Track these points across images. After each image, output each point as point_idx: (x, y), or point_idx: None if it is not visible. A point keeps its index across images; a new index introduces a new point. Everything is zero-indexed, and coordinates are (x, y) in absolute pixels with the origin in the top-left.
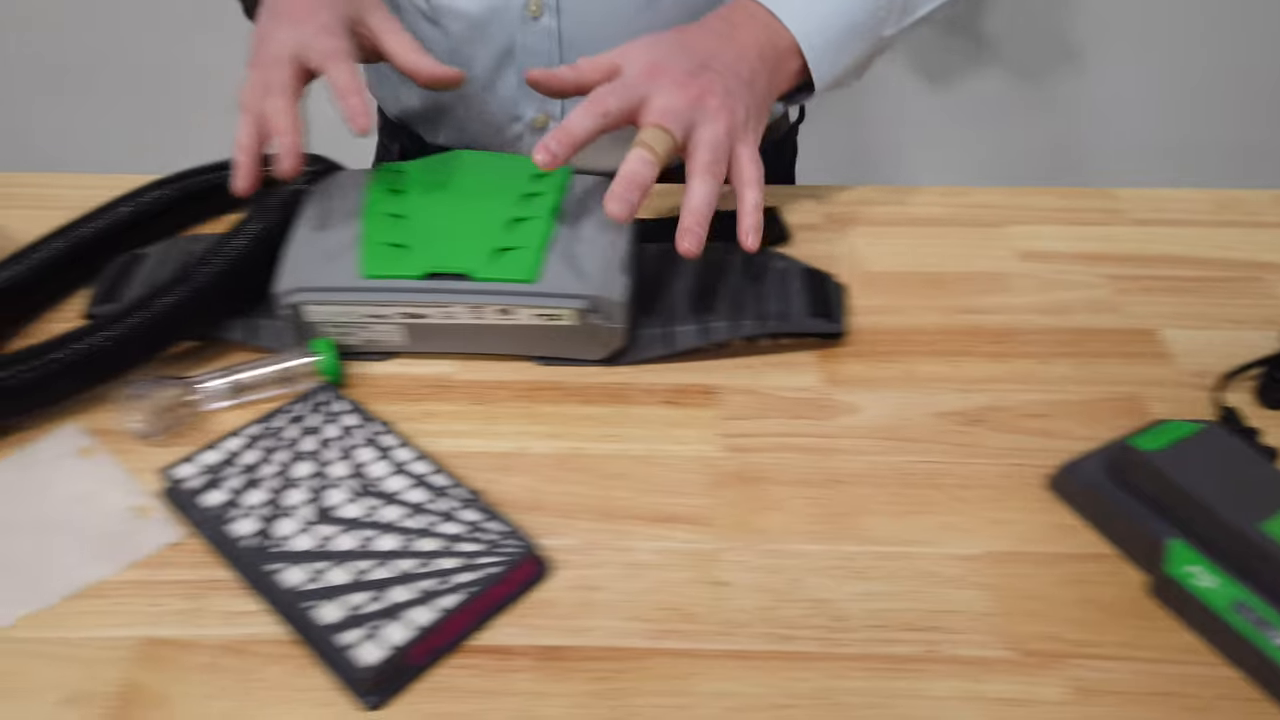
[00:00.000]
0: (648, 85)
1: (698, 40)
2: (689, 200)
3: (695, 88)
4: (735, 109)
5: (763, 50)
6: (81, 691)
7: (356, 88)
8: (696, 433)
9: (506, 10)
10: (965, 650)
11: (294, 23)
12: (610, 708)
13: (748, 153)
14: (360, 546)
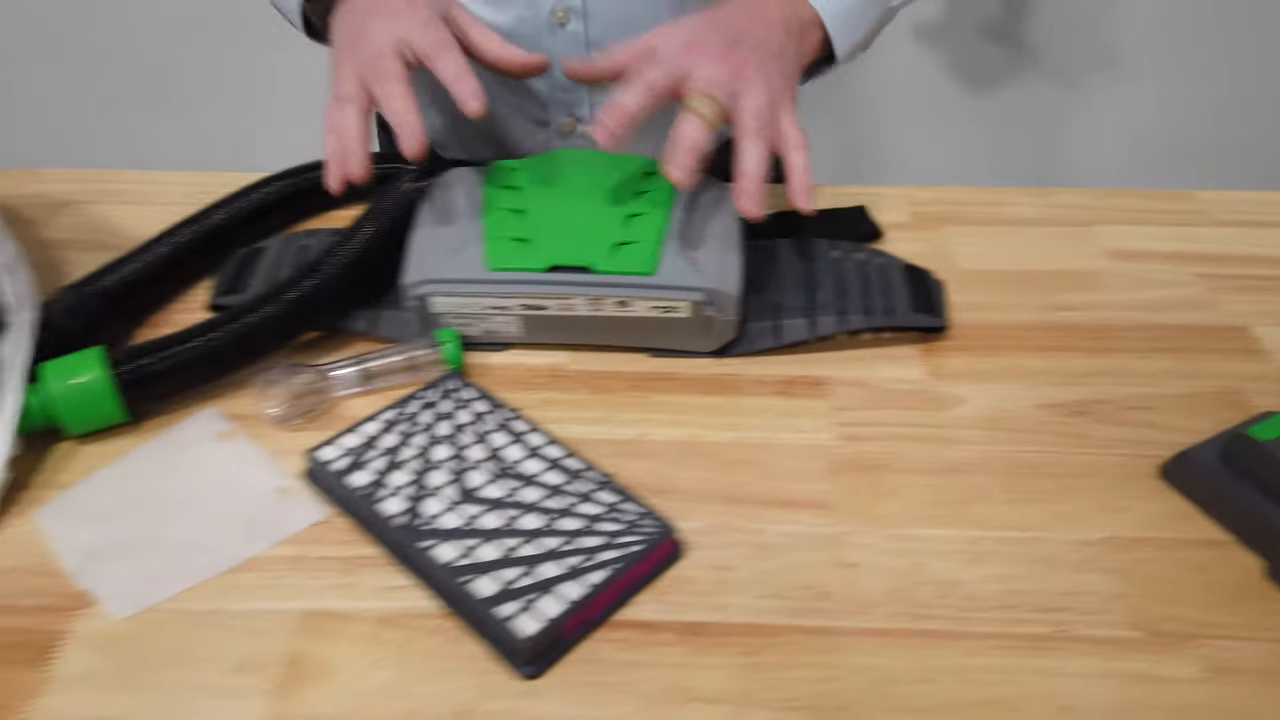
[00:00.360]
0: (687, 61)
1: (728, 18)
2: (742, 164)
3: (732, 61)
4: (772, 79)
5: (788, 23)
6: (252, 660)
7: (467, 73)
8: (811, 422)
9: (535, 20)
10: (1095, 630)
11: (392, 17)
12: (757, 680)
13: (788, 118)
14: (505, 525)
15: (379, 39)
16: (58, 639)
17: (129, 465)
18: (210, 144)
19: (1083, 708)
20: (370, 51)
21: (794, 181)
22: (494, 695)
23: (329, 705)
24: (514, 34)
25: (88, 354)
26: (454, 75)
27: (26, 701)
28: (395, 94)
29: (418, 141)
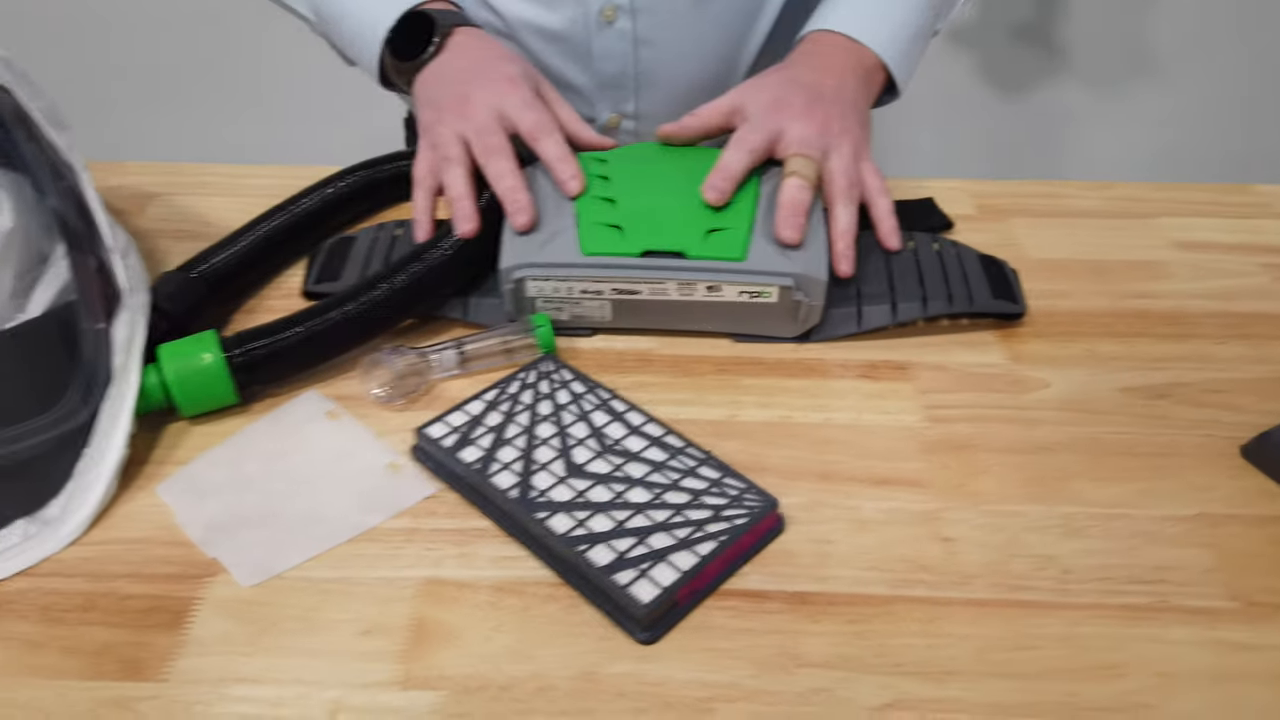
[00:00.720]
0: (778, 121)
1: (803, 75)
2: (836, 226)
3: (818, 117)
4: (852, 129)
5: (856, 71)
6: (379, 624)
7: (569, 155)
8: (897, 404)
9: (584, 18)
10: (1193, 601)
11: (495, 91)
12: (866, 646)
13: (870, 167)
14: (614, 498)
15: (484, 111)
16: (191, 604)
17: (242, 443)
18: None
19: (1183, 673)
20: (477, 123)
21: (882, 227)
22: (614, 659)
23: (456, 666)
24: (564, 33)
25: (202, 337)
26: (557, 157)
27: (166, 662)
28: (506, 171)
29: (527, 218)
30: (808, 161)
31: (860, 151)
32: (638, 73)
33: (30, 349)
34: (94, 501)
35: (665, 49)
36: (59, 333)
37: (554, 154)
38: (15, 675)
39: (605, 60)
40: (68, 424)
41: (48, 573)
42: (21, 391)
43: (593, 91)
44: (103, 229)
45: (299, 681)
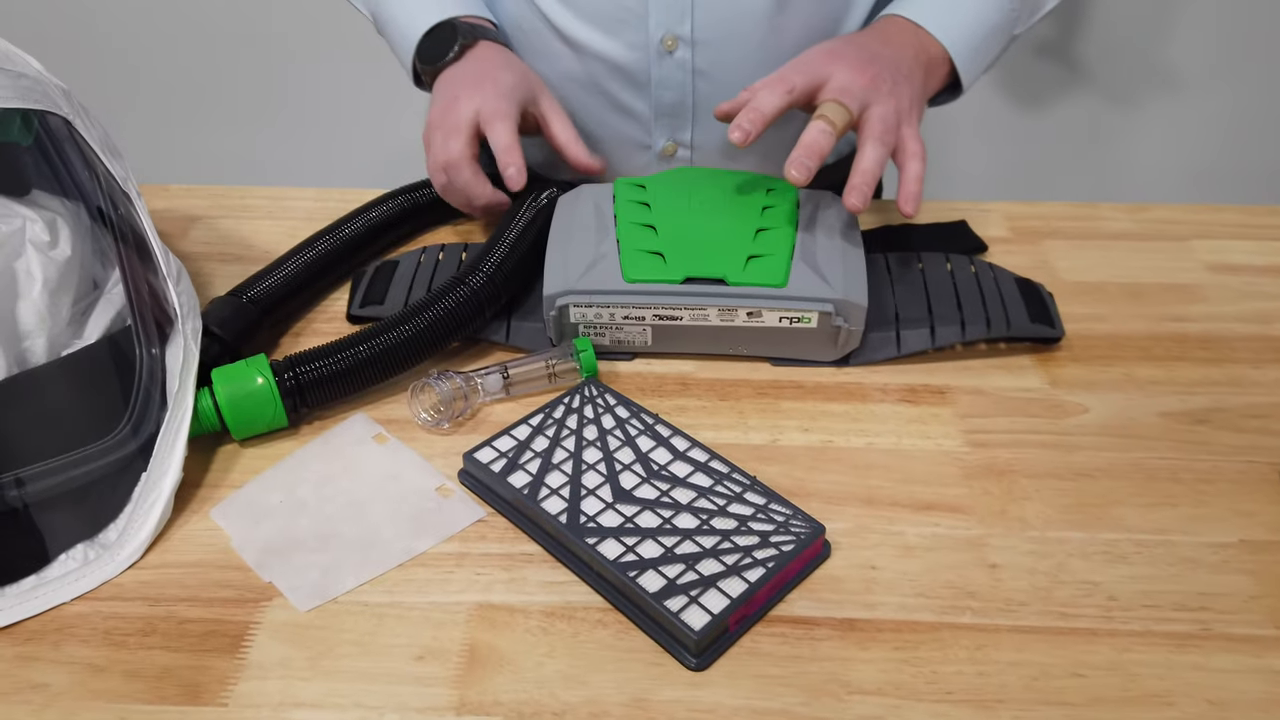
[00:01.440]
0: (828, 66)
1: (864, 39)
2: (860, 162)
3: (870, 72)
4: (902, 94)
5: (917, 55)
6: (432, 649)
7: (515, 147)
8: (938, 428)
9: (644, 46)
10: (1239, 629)
11: (479, 97)
12: (916, 673)
13: (911, 132)
14: (662, 524)
15: (459, 117)
16: (249, 628)
17: (293, 466)
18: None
19: (1233, 702)
20: (448, 126)
21: (906, 188)
22: (666, 685)
23: (510, 692)
24: (623, 61)
25: (253, 361)
26: (502, 146)
27: (226, 686)
28: (466, 181)
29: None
30: (839, 108)
31: (905, 113)
32: (695, 103)
33: (87, 375)
34: (151, 525)
35: (723, 81)
36: (114, 359)
37: (500, 142)
38: (79, 699)
39: (663, 89)
40: (124, 449)
41: (108, 596)
42: (79, 417)
43: (650, 119)
44: (157, 255)
45: (358, 706)
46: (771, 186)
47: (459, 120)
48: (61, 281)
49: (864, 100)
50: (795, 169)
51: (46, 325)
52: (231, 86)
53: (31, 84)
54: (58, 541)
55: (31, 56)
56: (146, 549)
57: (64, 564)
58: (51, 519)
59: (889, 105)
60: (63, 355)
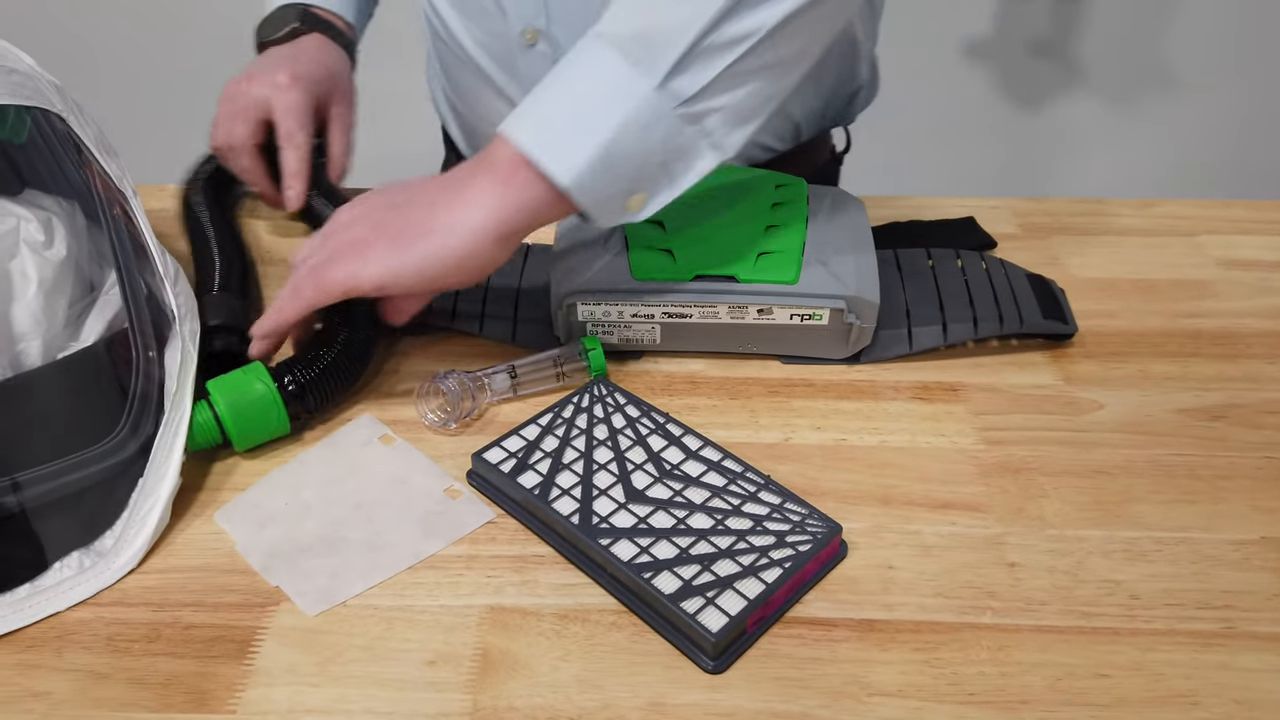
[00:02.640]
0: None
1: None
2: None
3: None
4: (361, 240)
5: (453, 176)
6: (444, 653)
7: (298, 174)
8: (953, 426)
9: (506, 37)
10: (1264, 627)
11: (270, 84)
12: (937, 675)
13: (319, 269)
14: (677, 524)
15: (247, 100)
16: (255, 634)
17: (298, 469)
18: None
19: (1261, 701)
20: (232, 109)
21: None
22: (683, 688)
23: (525, 697)
24: (495, 51)
25: (249, 370)
26: (289, 171)
27: (234, 693)
28: (244, 169)
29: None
30: None
31: (339, 259)
32: None
33: (84, 378)
34: (148, 532)
35: None
36: (111, 361)
37: (288, 168)
38: (83, 708)
39: (530, 81)
40: (121, 453)
41: (111, 602)
42: (75, 421)
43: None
44: (154, 256)
45: (369, 712)
46: (782, 183)
47: (248, 103)
48: (57, 282)
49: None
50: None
51: (42, 327)
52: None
53: (24, 80)
54: (53, 549)
55: (25, 53)
56: (143, 556)
57: (59, 572)
58: (47, 525)
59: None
60: (58, 358)
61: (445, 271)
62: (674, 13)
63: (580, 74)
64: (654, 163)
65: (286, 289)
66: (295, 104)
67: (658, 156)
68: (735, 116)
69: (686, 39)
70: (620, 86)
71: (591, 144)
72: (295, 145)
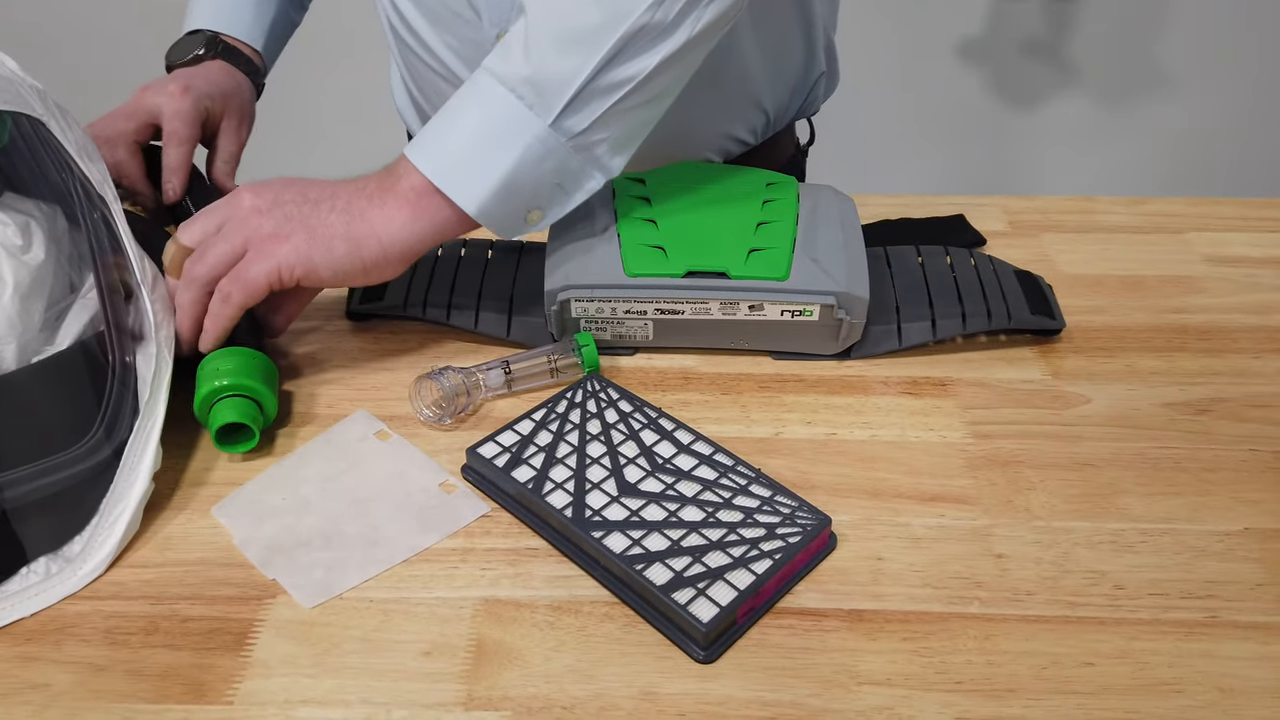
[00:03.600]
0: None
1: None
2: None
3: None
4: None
5: (363, 185)
6: (439, 645)
7: (179, 168)
8: (941, 420)
9: (479, 41)
10: (1247, 616)
11: (163, 91)
12: (926, 664)
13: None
14: (668, 517)
15: (137, 102)
16: (253, 626)
17: (294, 465)
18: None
19: (1243, 689)
20: (124, 109)
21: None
22: (675, 678)
23: (519, 687)
24: (469, 57)
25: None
26: (171, 167)
27: (231, 685)
28: (119, 160)
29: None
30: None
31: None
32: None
33: (59, 381)
34: (116, 539)
35: None
36: (87, 365)
37: (169, 163)
38: (81, 699)
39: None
40: (94, 458)
41: (109, 595)
42: (49, 425)
43: (480, 6)
44: (133, 261)
45: (366, 703)
46: (772, 180)
47: (136, 106)
48: (34, 286)
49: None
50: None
51: (17, 331)
52: None
53: (4, 84)
54: (20, 554)
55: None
56: (110, 563)
57: (24, 578)
58: (16, 530)
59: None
60: (33, 362)
61: (356, 276)
62: (559, 64)
63: (479, 110)
64: (548, 185)
65: (215, 300)
66: (184, 109)
67: (551, 180)
68: (620, 143)
69: (572, 87)
70: (515, 124)
71: (493, 177)
72: (178, 142)
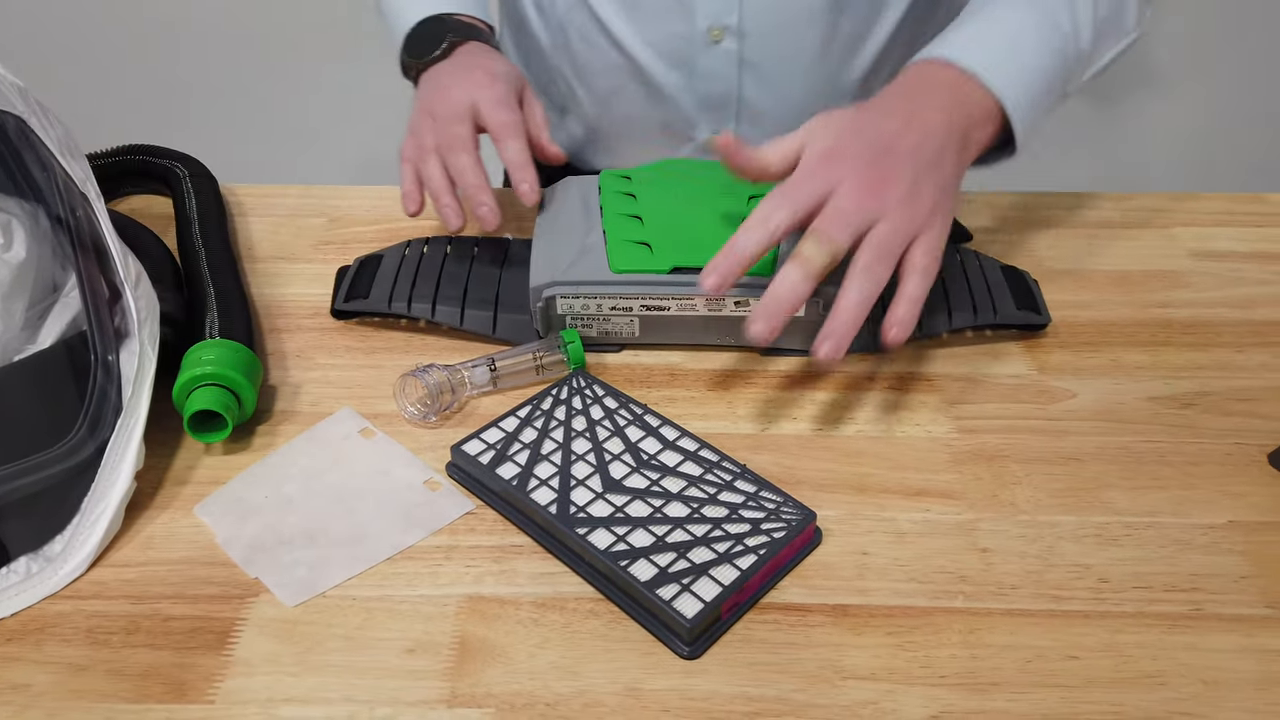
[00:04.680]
0: (823, 180)
1: (879, 123)
2: (839, 301)
3: (875, 178)
4: (920, 197)
5: (951, 123)
6: (423, 642)
7: (528, 163)
8: (927, 415)
9: (689, 36)
10: (1231, 609)
11: (472, 85)
12: (910, 658)
13: (924, 243)
14: (653, 513)
15: (456, 104)
16: (235, 625)
17: (277, 462)
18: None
19: (1226, 681)
20: (447, 112)
21: (894, 309)
22: (659, 674)
23: (502, 684)
24: (668, 51)
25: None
26: (517, 163)
27: (213, 684)
28: (466, 167)
29: (491, 220)
30: (821, 247)
31: (919, 222)
32: (741, 95)
33: (41, 380)
34: (97, 538)
35: (771, 73)
36: (70, 364)
37: (515, 159)
38: (61, 699)
39: (708, 80)
40: (76, 457)
41: (90, 595)
42: (32, 424)
43: (694, 110)
44: (116, 259)
45: (348, 700)
46: None
47: (456, 106)
48: (15, 285)
49: (864, 222)
50: (759, 324)
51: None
52: (213, 83)
53: None
54: (2, 553)
55: None
56: (92, 562)
57: (5, 578)
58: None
59: (894, 222)
60: (14, 360)
61: None
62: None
63: (1051, 55)
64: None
65: (855, 275)
66: (502, 96)
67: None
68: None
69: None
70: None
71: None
72: (513, 135)
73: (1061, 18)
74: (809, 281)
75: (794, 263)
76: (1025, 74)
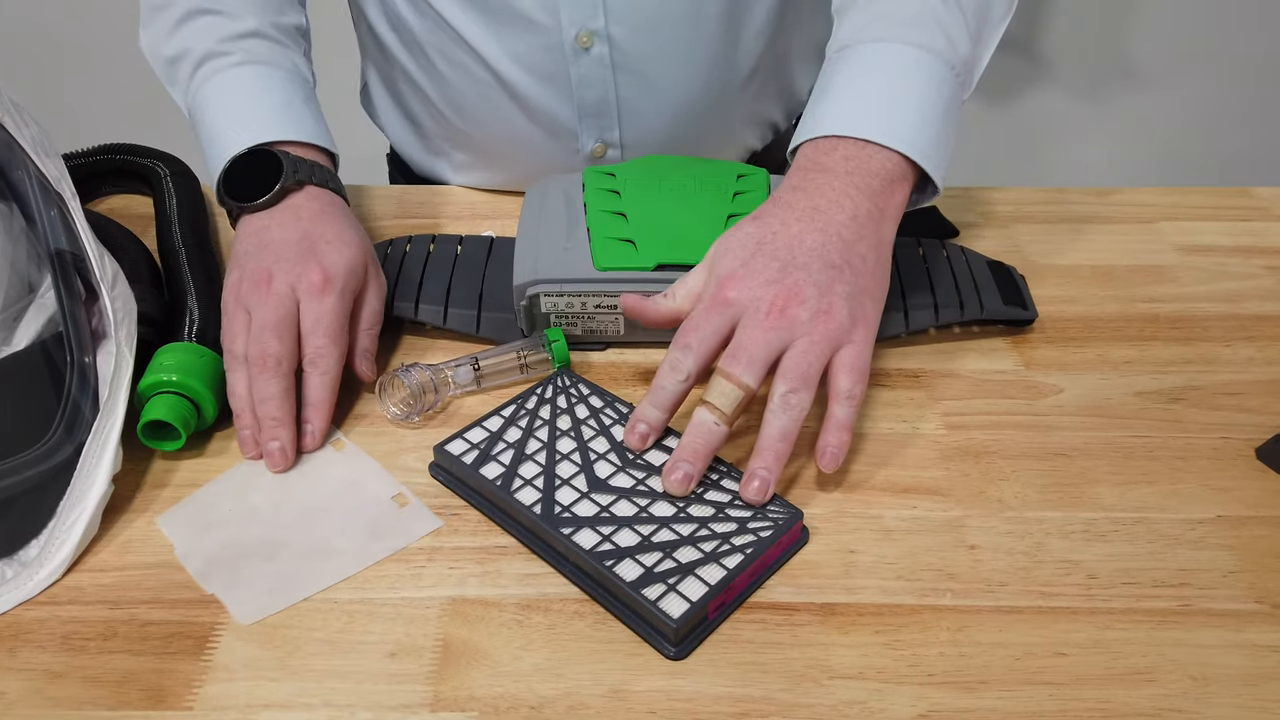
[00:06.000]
0: (724, 314)
1: (778, 231)
2: (760, 439)
3: (780, 299)
4: (830, 311)
5: (856, 208)
6: (405, 645)
7: (322, 402)
8: (914, 412)
9: (559, 46)
10: (1219, 604)
11: (297, 277)
12: (898, 656)
13: (847, 359)
14: (638, 513)
15: (276, 306)
16: (214, 630)
17: (247, 473)
18: None
19: (1215, 677)
20: (263, 318)
21: (823, 437)
22: (645, 675)
23: (486, 687)
24: (537, 62)
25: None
26: (311, 400)
27: (191, 689)
28: (271, 396)
29: (279, 452)
30: (728, 392)
31: (837, 336)
32: (619, 99)
33: (16, 382)
34: (74, 542)
35: (646, 74)
36: (46, 365)
37: (311, 396)
38: (37, 707)
39: (583, 88)
40: (52, 460)
41: (67, 600)
42: (7, 426)
43: (575, 121)
44: (91, 260)
45: (329, 705)
46: (743, 173)
47: (276, 310)
48: None
49: (773, 352)
50: (675, 477)
51: None
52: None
53: None
54: None
55: None
56: (68, 567)
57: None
58: None
59: (807, 342)
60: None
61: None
62: (984, 48)
63: (935, 92)
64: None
65: (773, 409)
66: (329, 309)
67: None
68: None
69: (983, 65)
70: (955, 99)
71: (948, 148)
72: (322, 368)
73: (933, 38)
74: (723, 424)
75: (705, 409)
76: (918, 118)
